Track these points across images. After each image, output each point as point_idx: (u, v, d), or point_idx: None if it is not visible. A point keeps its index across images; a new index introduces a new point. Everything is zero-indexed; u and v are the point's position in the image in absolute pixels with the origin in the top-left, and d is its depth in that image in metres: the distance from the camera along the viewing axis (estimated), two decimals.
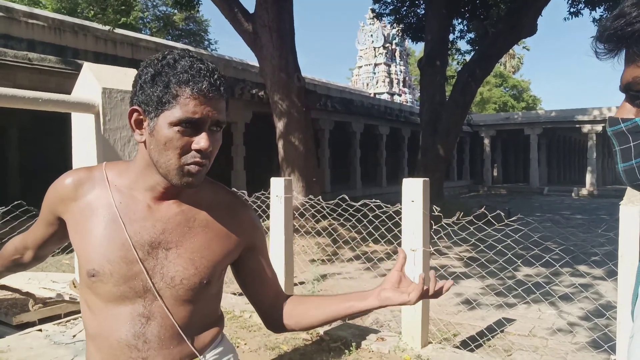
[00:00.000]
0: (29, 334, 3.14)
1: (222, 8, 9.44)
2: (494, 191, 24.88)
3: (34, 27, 9.64)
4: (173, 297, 1.01)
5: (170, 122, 0.93)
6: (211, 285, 1.06)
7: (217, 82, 0.95)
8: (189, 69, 0.93)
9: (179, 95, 0.92)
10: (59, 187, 1.08)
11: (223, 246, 1.07)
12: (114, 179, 1.05)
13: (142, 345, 0.99)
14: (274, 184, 4.42)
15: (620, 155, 0.65)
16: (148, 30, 26.48)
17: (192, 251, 1.03)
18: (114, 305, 1.00)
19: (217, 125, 0.97)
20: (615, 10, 0.62)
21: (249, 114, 13.16)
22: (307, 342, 3.77)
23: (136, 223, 1.01)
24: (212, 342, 1.10)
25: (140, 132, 0.98)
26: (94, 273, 0.99)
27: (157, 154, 0.95)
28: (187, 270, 1.01)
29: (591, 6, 12.53)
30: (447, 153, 12.99)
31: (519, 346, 3.87)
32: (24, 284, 4.09)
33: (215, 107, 0.95)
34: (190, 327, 1.04)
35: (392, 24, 15.88)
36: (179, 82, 0.92)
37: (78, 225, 1.05)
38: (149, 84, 0.95)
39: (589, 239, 4.72)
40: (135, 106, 0.98)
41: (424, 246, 3.47)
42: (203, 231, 1.05)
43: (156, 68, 0.95)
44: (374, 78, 30.49)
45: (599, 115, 22.27)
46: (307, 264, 6.12)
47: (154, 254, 1.01)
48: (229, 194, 1.14)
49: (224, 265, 1.09)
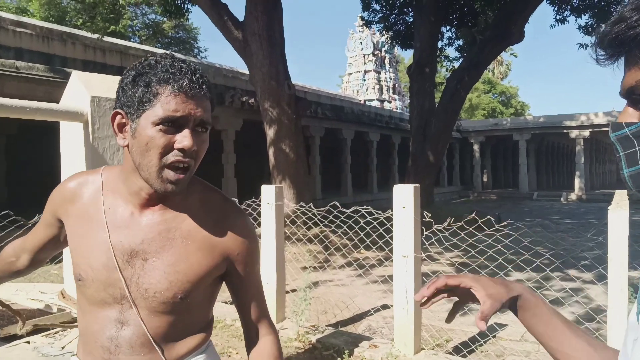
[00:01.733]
0: (17, 346, 3.08)
1: (212, 16, 9.45)
2: (484, 197, 25.03)
3: (21, 36, 9.57)
4: (147, 308, 1.00)
5: (152, 121, 0.91)
6: (190, 299, 1.02)
7: (199, 80, 0.94)
8: (169, 68, 0.92)
9: (159, 94, 0.91)
10: (62, 190, 1.09)
11: (204, 259, 1.02)
12: (107, 183, 1.05)
13: (115, 348, 1.00)
14: (264, 192, 4.40)
15: (625, 160, 0.64)
16: (137, 38, 26.40)
17: (168, 264, 1.00)
18: (96, 308, 1.02)
19: (202, 126, 0.95)
20: (615, 15, 0.63)
21: (239, 121, 13.14)
22: (299, 350, 3.75)
23: (120, 230, 1.00)
24: (190, 352, 1.07)
25: (122, 135, 0.97)
26: (79, 277, 1.01)
27: (140, 156, 0.94)
28: (160, 284, 0.99)
29: (577, 13, 12.75)
30: (437, 159, 13.06)
31: (511, 351, 3.88)
32: (11, 295, 4.02)
33: (197, 105, 0.93)
34: (164, 337, 1.02)
35: (382, 31, 15.97)
36: (160, 80, 0.91)
37: (73, 229, 1.06)
38: (130, 85, 0.94)
39: (579, 244, 4.75)
40: (117, 109, 0.97)
41: (415, 252, 3.48)
42: (183, 243, 1.01)
43: (137, 69, 0.94)
44: (364, 85, 30.64)
45: (587, 121, 22.55)
46: (298, 271, 6.10)
47: (132, 263, 1.00)
48: (221, 201, 1.09)
49: (207, 279, 1.04)
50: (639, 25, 0.59)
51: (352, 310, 4.93)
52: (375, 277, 5.35)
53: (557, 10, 13.00)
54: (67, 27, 13.20)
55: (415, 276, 3.49)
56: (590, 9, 12.40)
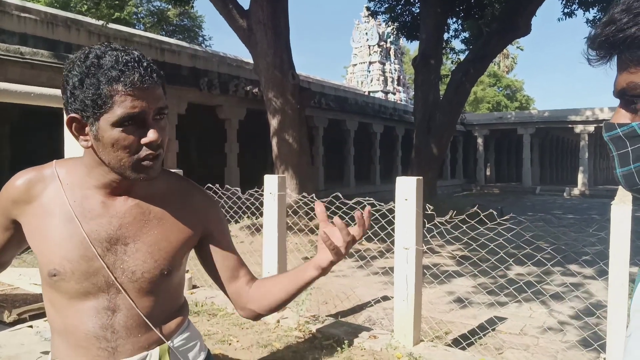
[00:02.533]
0: (20, 330, 3.11)
1: (217, 4, 9.40)
2: (486, 190, 25.01)
3: (26, 21, 9.55)
4: (136, 290, 1.02)
5: (112, 123, 0.91)
6: (172, 275, 1.07)
7: (149, 70, 0.92)
8: (115, 65, 0.90)
9: (112, 95, 0.89)
10: (10, 190, 1.05)
11: (180, 235, 1.08)
12: (65, 177, 1.04)
13: (111, 335, 1.01)
14: (267, 182, 4.41)
15: (618, 160, 0.65)
16: (142, 25, 26.32)
17: (150, 244, 1.04)
18: (78, 301, 1.01)
19: (160, 114, 0.96)
20: (605, 17, 0.63)
21: (242, 110, 13.13)
22: (299, 339, 3.77)
23: (92, 220, 1.01)
24: (178, 328, 1.12)
25: (84, 138, 0.96)
26: (55, 273, 0.99)
27: (108, 156, 0.94)
28: (146, 263, 1.02)
29: (585, 7, 12.62)
30: (441, 152, 13.03)
31: (510, 344, 3.89)
32: (14, 279, 4.06)
33: (153, 96, 0.93)
34: (155, 316, 1.06)
35: (387, 22, 15.87)
36: (109, 80, 0.89)
37: (34, 227, 1.03)
38: (79, 89, 0.91)
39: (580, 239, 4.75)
40: (72, 114, 0.94)
41: (416, 244, 3.48)
42: (159, 223, 1.06)
43: (81, 70, 0.91)
44: (369, 76, 30.51)
45: (592, 116, 22.44)
46: (300, 261, 6.12)
47: (113, 250, 1.01)
48: (180, 181, 1.15)
49: (183, 253, 1.10)
50: (628, 27, 0.59)
51: (353, 301, 4.96)
52: (376, 268, 5.37)
53: (565, 4, 12.88)
54: (71, 13, 13.16)
55: (417, 268, 3.50)
56: (598, 2, 12.27)
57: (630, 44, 0.60)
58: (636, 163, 0.63)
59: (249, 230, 7.32)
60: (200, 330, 3.91)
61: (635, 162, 0.63)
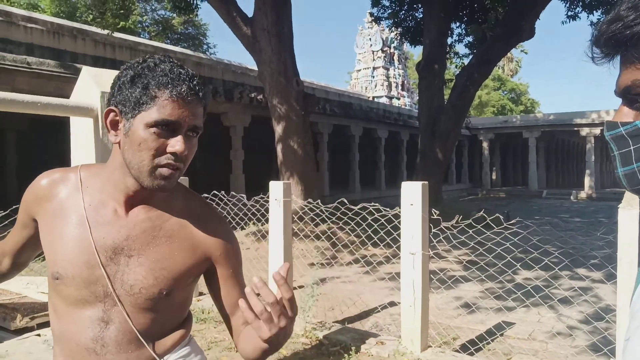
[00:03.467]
0: (28, 339, 3.12)
1: (221, 12, 9.46)
2: (492, 194, 24.89)
3: (32, 31, 9.65)
4: (132, 304, 1.00)
5: (147, 123, 0.92)
6: (172, 296, 1.04)
7: (196, 87, 0.96)
8: (169, 72, 0.94)
9: (157, 97, 0.92)
10: (34, 188, 1.07)
11: (187, 258, 1.05)
12: (87, 181, 1.05)
13: (100, 349, 0.99)
14: (272, 188, 4.41)
15: (620, 159, 0.64)
16: (147, 34, 26.51)
17: (154, 261, 1.01)
18: (76, 309, 1.00)
19: (194, 131, 0.97)
20: (611, 14, 0.62)
21: (247, 117, 13.16)
22: (306, 346, 3.76)
23: (102, 227, 1.00)
24: (175, 346, 1.09)
25: (115, 132, 0.98)
26: (57, 276, 0.99)
27: (131, 154, 0.95)
28: (146, 280, 1.00)
29: (589, 10, 12.60)
30: (446, 156, 13.00)
31: (519, 350, 3.86)
32: (22, 288, 4.08)
33: (192, 111, 0.95)
34: (150, 333, 1.03)
35: (391, 27, 15.91)
36: (158, 84, 0.93)
37: (48, 227, 1.04)
38: (128, 85, 0.95)
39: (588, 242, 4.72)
40: (112, 106, 0.97)
41: (423, 249, 3.47)
42: (167, 241, 1.03)
43: (136, 70, 0.95)
44: (373, 81, 30.56)
45: (597, 119, 22.32)
46: (306, 267, 6.11)
47: (116, 260, 1.00)
48: (203, 206, 1.12)
49: (188, 277, 1.06)
50: (635, 24, 0.59)
51: (359, 307, 4.94)
52: (383, 274, 5.35)
53: (569, 7, 12.87)
54: (77, 22, 13.28)
55: (423, 273, 3.48)
56: (602, 5, 12.24)
57: (637, 42, 0.59)
58: (639, 162, 0.62)
59: (254, 236, 7.32)
60: (207, 338, 3.91)
61: (638, 161, 0.62)
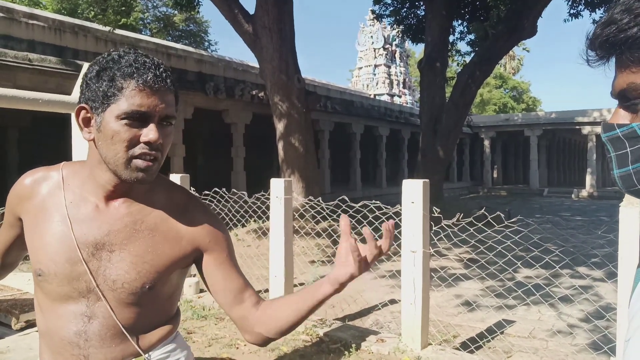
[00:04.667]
0: (29, 335, 3.13)
1: (223, 9, 9.45)
2: (494, 193, 24.89)
3: (34, 28, 9.64)
4: (115, 299, 1.00)
5: (117, 115, 0.92)
6: (156, 290, 1.03)
7: (163, 74, 0.95)
8: (133, 62, 0.93)
9: (124, 88, 0.92)
10: (18, 187, 1.08)
11: (170, 251, 1.04)
12: (69, 179, 1.05)
13: (84, 343, 1.00)
14: (273, 185, 4.41)
15: (616, 161, 0.65)
16: (148, 31, 26.49)
17: (135, 255, 1.01)
18: (59, 304, 1.01)
19: (167, 120, 0.96)
20: (605, 17, 0.62)
21: (249, 115, 13.16)
22: (306, 343, 3.76)
23: (83, 223, 1.00)
24: (160, 341, 1.08)
25: (88, 129, 0.98)
26: (40, 273, 1.00)
27: (106, 149, 0.95)
28: (128, 274, 1.00)
29: (591, 8, 12.56)
30: (447, 154, 13.00)
31: (519, 348, 3.87)
32: (24, 284, 4.09)
33: (162, 99, 0.94)
34: (135, 327, 1.03)
35: (392, 25, 15.89)
36: (124, 75, 0.92)
37: (31, 225, 1.05)
38: (95, 80, 0.95)
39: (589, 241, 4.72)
40: (82, 104, 0.97)
41: (423, 247, 3.47)
42: (150, 235, 1.02)
43: (101, 64, 0.95)
44: (374, 79, 30.51)
45: (599, 117, 22.28)
46: (307, 265, 6.12)
47: (98, 256, 1.00)
48: (186, 197, 1.11)
49: (172, 270, 1.05)
50: (629, 27, 0.59)
51: (360, 305, 4.94)
52: (383, 271, 5.35)
53: (571, 5, 12.83)
54: (79, 19, 13.27)
55: (424, 271, 3.48)
56: (605, 3, 12.21)
57: (631, 45, 0.59)
58: (635, 164, 0.62)
59: (255, 234, 7.32)
60: (208, 335, 3.92)
61: (634, 163, 0.63)
